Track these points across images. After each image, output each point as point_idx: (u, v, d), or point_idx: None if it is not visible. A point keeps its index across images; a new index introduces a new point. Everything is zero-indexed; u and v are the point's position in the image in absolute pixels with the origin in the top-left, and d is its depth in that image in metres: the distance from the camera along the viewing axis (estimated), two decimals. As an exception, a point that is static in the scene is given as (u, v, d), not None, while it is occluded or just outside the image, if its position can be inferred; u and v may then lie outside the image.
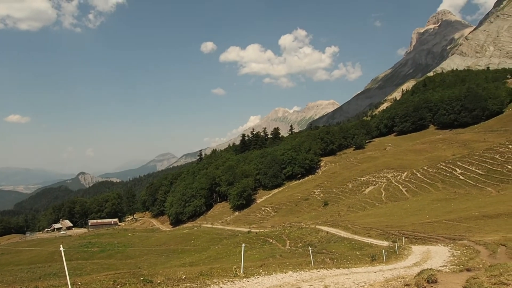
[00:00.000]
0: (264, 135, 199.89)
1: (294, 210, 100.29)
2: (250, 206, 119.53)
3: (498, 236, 29.60)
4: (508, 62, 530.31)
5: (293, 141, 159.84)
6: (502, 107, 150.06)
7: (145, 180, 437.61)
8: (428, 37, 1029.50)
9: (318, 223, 63.63)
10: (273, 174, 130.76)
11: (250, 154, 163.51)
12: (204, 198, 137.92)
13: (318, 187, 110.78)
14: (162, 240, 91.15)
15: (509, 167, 69.45)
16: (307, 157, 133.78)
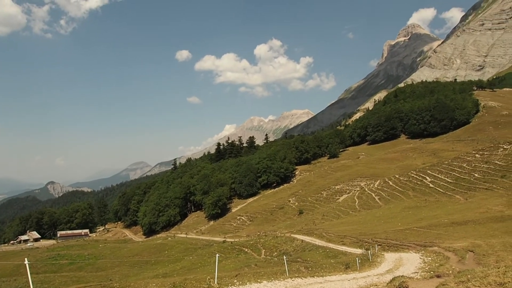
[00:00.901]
0: (240, 144, 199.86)
1: (270, 219, 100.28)
2: (225, 215, 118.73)
3: (467, 242, 30.47)
4: (474, 75, 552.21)
5: (268, 150, 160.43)
6: (469, 118, 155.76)
7: (117, 190, 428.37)
8: (398, 49, 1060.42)
9: (293, 232, 63.79)
10: (249, 183, 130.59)
11: (226, 163, 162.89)
12: (178, 208, 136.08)
13: (293, 196, 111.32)
14: (135, 251, 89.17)
15: (476, 175, 71.85)
16: (282, 165, 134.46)
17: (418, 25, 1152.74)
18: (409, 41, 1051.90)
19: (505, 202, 51.59)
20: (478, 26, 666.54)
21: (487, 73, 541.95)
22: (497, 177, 66.82)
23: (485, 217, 43.20)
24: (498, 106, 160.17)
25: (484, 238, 32.09)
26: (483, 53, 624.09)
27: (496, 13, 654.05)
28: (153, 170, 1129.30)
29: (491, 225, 38.57)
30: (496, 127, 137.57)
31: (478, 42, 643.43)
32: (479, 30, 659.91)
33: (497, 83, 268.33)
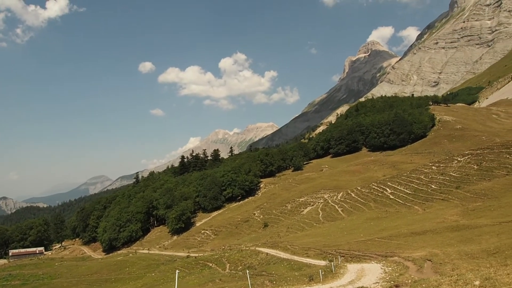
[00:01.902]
0: (204, 157, 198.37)
1: (234, 233, 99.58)
2: (189, 230, 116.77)
3: (425, 251, 31.49)
4: (429, 90, 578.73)
5: (233, 162, 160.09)
6: (426, 131, 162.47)
7: (76, 205, 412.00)
8: (359, 65, 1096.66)
9: (258, 245, 63.58)
10: (213, 196, 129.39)
11: (190, 176, 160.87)
12: (140, 223, 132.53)
13: (258, 209, 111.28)
14: (94, 269, 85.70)
15: (433, 186, 74.76)
16: (247, 178, 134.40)
17: (377, 42, 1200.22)
18: (369, 57, 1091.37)
19: (460, 212, 53.87)
20: (432, 45, 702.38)
21: (441, 89, 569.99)
22: (452, 188, 69.81)
23: (442, 226, 44.88)
24: (452, 120, 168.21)
25: (441, 247, 33.27)
26: (437, 70, 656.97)
27: (449, 33, 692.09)
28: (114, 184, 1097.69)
29: (447, 234, 40.09)
30: (451, 140, 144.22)
31: (433, 59, 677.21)
32: (433, 49, 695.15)
33: (450, 98, 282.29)
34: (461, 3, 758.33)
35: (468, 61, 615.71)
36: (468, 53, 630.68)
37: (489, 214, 47.84)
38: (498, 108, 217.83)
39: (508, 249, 27.12)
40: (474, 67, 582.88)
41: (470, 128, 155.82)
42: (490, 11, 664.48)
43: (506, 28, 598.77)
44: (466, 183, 69.69)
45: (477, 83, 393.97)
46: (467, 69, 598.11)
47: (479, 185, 66.32)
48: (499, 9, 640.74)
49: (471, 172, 74.65)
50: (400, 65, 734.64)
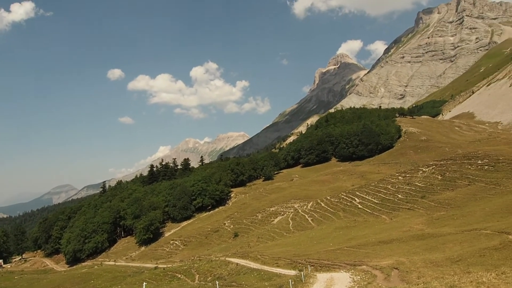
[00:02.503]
0: (174, 166, 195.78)
1: (204, 243, 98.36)
2: (157, 240, 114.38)
3: (392, 260, 32.12)
4: (396, 102, 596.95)
5: (204, 172, 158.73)
6: (393, 142, 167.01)
7: (38, 215, 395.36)
8: (329, 77, 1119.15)
9: (228, 255, 63.01)
10: (183, 206, 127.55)
11: (159, 186, 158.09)
12: (107, 233, 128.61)
13: (229, 219, 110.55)
14: (56, 282, 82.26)
15: (400, 196, 76.71)
16: (218, 188, 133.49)
17: (346, 55, 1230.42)
18: (338, 69, 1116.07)
19: (425, 221, 55.44)
20: (399, 59, 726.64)
21: (407, 102, 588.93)
22: (418, 197, 71.88)
23: (408, 235, 45.96)
24: (417, 132, 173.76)
25: (407, 255, 34.04)
26: (404, 83, 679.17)
27: (414, 48, 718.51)
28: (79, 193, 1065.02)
29: (413, 242, 41.07)
30: (416, 151, 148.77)
31: (399, 73, 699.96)
32: (400, 62, 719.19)
33: (416, 111, 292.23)
34: (426, 19, 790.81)
35: (432, 75, 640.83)
36: (432, 68, 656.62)
37: (453, 223, 49.46)
38: (460, 120, 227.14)
39: (470, 256, 28.09)
40: (438, 81, 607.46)
41: (434, 139, 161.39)
42: (452, 28, 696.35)
43: (467, 45, 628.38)
44: (430, 193, 71.95)
45: (440, 96, 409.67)
46: (432, 83, 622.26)
47: (443, 195, 68.61)
48: (461, 27, 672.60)
49: (435, 182, 77.17)
50: (368, 77, 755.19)
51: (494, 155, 78.40)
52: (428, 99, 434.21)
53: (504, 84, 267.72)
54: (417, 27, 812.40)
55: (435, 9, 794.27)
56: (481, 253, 28.23)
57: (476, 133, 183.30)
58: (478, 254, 28.11)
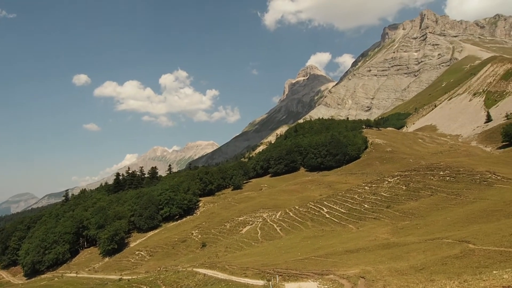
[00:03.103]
0: (141, 175, 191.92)
1: (171, 253, 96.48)
2: (122, 251, 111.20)
3: (358, 269, 32.49)
4: (363, 114, 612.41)
5: (172, 181, 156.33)
6: (359, 153, 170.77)
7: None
8: (298, 88, 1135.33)
9: (195, 266, 61.97)
10: (149, 215, 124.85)
11: (125, 195, 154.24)
12: (68, 244, 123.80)
13: (196, 228, 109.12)
14: (13, 295, 78.29)
15: (366, 206, 78.21)
16: (186, 197, 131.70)
17: (315, 67, 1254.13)
18: (307, 80, 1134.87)
19: (390, 230, 56.65)
20: (366, 72, 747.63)
21: (374, 114, 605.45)
22: (383, 207, 73.51)
23: (374, 244, 46.76)
24: (383, 143, 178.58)
25: (373, 264, 34.54)
26: (370, 96, 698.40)
27: (380, 62, 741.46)
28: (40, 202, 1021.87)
29: (379, 251, 41.79)
30: (382, 162, 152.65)
31: (366, 85, 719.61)
32: (367, 75, 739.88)
33: (382, 122, 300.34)
34: (391, 35, 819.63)
35: (398, 89, 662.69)
36: (397, 81, 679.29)
37: (416, 232, 50.75)
38: (423, 133, 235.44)
39: (433, 265, 28.81)
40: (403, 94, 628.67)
41: (399, 151, 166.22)
42: (416, 44, 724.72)
43: (430, 60, 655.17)
44: (395, 203, 73.76)
45: (405, 109, 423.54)
46: (397, 96, 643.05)
47: (407, 205, 70.49)
48: (425, 43, 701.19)
49: (400, 192, 79.25)
50: (337, 89, 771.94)
51: (455, 167, 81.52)
52: (393, 112, 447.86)
53: (464, 98, 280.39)
54: (383, 42, 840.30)
55: (400, 25, 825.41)
56: (444, 261, 29.01)
57: (438, 145, 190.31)
58: (441, 263, 28.86)
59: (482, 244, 30.66)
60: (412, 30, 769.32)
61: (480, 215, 48.61)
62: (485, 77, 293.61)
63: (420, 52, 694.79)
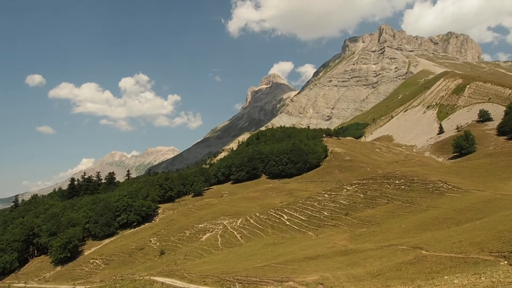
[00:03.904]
0: (98, 180, 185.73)
1: (128, 261, 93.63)
2: (76, 259, 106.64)
3: (317, 275, 32.92)
4: (323, 123, 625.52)
5: (130, 187, 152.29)
6: (320, 161, 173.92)
7: None
8: (261, 96, 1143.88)
9: (153, 274, 60.46)
10: (106, 222, 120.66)
11: (80, 200, 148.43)
12: (17, 252, 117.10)
13: (155, 236, 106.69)
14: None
15: (325, 213, 79.61)
16: (144, 204, 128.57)
17: (278, 76, 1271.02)
18: (270, 89, 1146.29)
19: (348, 237, 57.93)
20: (327, 82, 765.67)
21: (334, 123, 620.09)
22: (342, 215, 75.11)
23: (332, 251, 47.61)
24: (342, 152, 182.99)
25: (331, 271, 35.11)
26: (331, 106, 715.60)
27: (341, 73, 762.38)
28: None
29: (337, 258, 42.57)
30: (341, 171, 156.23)
31: (327, 95, 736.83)
32: (327, 86, 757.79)
33: (341, 132, 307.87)
34: (351, 47, 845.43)
35: (357, 99, 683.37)
36: (356, 92, 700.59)
37: (373, 239, 52.18)
38: (380, 143, 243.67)
39: (389, 271, 29.68)
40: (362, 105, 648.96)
41: (357, 160, 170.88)
42: (375, 57, 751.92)
43: (387, 73, 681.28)
44: (353, 210, 75.61)
45: (363, 119, 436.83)
46: (356, 107, 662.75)
47: (365, 212, 72.43)
48: (383, 56, 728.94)
49: (358, 200, 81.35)
50: (298, 98, 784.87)
51: (410, 176, 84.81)
52: (353, 122, 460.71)
53: (419, 111, 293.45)
54: (343, 54, 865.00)
55: (360, 38, 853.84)
56: (398, 267, 29.96)
57: (394, 154, 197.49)
58: (396, 269, 29.78)
59: (434, 251, 31.94)
60: (371, 44, 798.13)
61: (432, 222, 50.71)
62: (438, 91, 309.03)
63: (378, 65, 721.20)
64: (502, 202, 51.26)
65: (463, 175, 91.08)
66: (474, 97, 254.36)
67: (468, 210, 51.09)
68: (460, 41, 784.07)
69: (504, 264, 20.21)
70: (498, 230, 31.15)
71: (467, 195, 65.77)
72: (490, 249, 26.41)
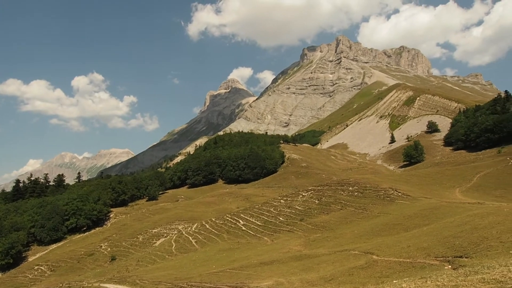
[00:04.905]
0: (45, 182, 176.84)
1: (76, 268, 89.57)
2: (19, 266, 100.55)
3: (272, 281, 33.05)
4: (281, 130, 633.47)
5: (81, 190, 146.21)
6: (277, 167, 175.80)
7: None
8: (219, 100, 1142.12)
9: (103, 281, 58.15)
10: (53, 226, 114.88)
11: (25, 204, 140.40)
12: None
13: (106, 241, 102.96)
14: None
15: (281, 218, 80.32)
16: (96, 207, 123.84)
17: (237, 81, 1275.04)
18: (229, 93, 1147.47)
19: (303, 243, 58.74)
20: (285, 89, 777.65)
21: (291, 130, 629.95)
22: (297, 220, 76.08)
23: (287, 256, 48.03)
24: (299, 159, 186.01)
25: (286, 276, 35.39)
26: (288, 112, 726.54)
27: (299, 81, 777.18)
28: None
29: (292, 263, 42.98)
30: (297, 177, 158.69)
31: (285, 102, 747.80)
32: (286, 93, 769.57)
33: (298, 139, 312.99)
34: (310, 56, 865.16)
35: (314, 107, 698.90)
36: (314, 100, 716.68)
37: (327, 244, 53.22)
38: (335, 150, 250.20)
39: (341, 275, 30.35)
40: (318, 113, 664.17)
41: (313, 166, 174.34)
42: (332, 67, 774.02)
43: (343, 83, 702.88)
44: (308, 216, 76.81)
45: (320, 127, 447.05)
46: (313, 114, 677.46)
47: (319, 218, 73.80)
48: (339, 66, 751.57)
49: (313, 206, 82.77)
50: (257, 104, 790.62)
51: (363, 183, 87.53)
52: (309, 129, 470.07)
53: (372, 120, 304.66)
54: (302, 62, 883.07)
55: (318, 47, 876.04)
56: (350, 272, 30.69)
57: (348, 162, 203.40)
58: (348, 273, 30.49)
59: (384, 256, 33.05)
60: (329, 54, 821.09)
61: (383, 228, 52.52)
62: (391, 102, 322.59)
63: (335, 74, 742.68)
64: (447, 209, 54.01)
65: (412, 183, 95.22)
66: (424, 109, 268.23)
67: (416, 216, 53.37)
68: (412, 55, 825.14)
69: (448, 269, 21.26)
70: (443, 236, 32.75)
71: (416, 202, 68.74)
72: (435, 254, 27.70)
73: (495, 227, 29.01)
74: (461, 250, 26.09)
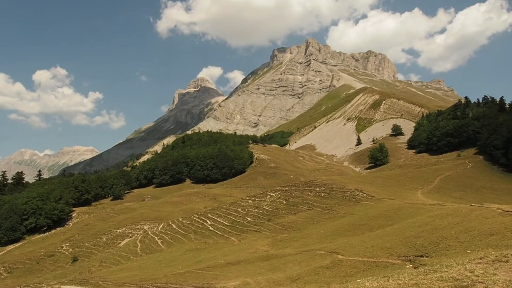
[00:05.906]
0: (3, 180, 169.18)
1: (35, 269, 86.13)
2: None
3: (239, 281, 33.06)
4: (250, 130, 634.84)
5: (41, 188, 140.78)
6: (245, 167, 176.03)
7: None
8: (188, 99, 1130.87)
9: (63, 282, 56.29)
10: (10, 226, 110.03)
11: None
12: None
13: (67, 241, 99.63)
14: None
15: (249, 219, 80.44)
16: (57, 207, 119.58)
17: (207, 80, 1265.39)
18: (198, 92, 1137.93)
19: (270, 243, 59.06)
20: (255, 90, 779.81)
21: (260, 130, 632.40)
22: (265, 220, 76.43)
23: (254, 256, 48.17)
24: (267, 159, 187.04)
25: (253, 276, 35.48)
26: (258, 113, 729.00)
27: (268, 81, 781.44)
28: None
29: (259, 263, 43.14)
30: (266, 177, 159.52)
31: (254, 103, 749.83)
32: (255, 93, 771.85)
33: (267, 139, 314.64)
34: (279, 57, 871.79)
35: (283, 108, 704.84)
36: (283, 101, 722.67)
37: (293, 244, 53.76)
38: (303, 151, 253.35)
39: (307, 275, 30.74)
40: (287, 114, 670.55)
41: (281, 167, 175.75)
42: (301, 69, 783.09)
43: (312, 85, 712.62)
44: (276, 216, 77.32)
45: (288, 128, 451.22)
46: (282, 115, 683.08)
47: (286, 218, 74.45)
48: (308, 68, 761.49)
49: (280, 206, 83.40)
50: (226, 104, 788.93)
51: (329, 184, 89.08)
52: (278, 130, 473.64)
53: (340, 122, 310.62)
54: (272, 63, 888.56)
55: (288, 49, 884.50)
56: (316, 271, 31.14)
57: (316, 163, 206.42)
58: (314, 273, 30.92)
59: (349, 255, 33.74)
60: (298, 55, 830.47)
61: (348, 228, 53.64)
62: (357, 105, 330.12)
63: (304, 76, 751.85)
64: (410, 210, 55.82)
65: (377, 184, 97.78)
66: (389, 112, 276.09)
67: (380, 217, 54.85)
68: (378, 60, 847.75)
69: (410, 268, 21.94)
70: (405, 236, 33.80)
71: (380, 203, 70.62)
72: (398, 253, 28.56)
73: (454, 227, 30.25)
74: (422, 249, 27.03)
